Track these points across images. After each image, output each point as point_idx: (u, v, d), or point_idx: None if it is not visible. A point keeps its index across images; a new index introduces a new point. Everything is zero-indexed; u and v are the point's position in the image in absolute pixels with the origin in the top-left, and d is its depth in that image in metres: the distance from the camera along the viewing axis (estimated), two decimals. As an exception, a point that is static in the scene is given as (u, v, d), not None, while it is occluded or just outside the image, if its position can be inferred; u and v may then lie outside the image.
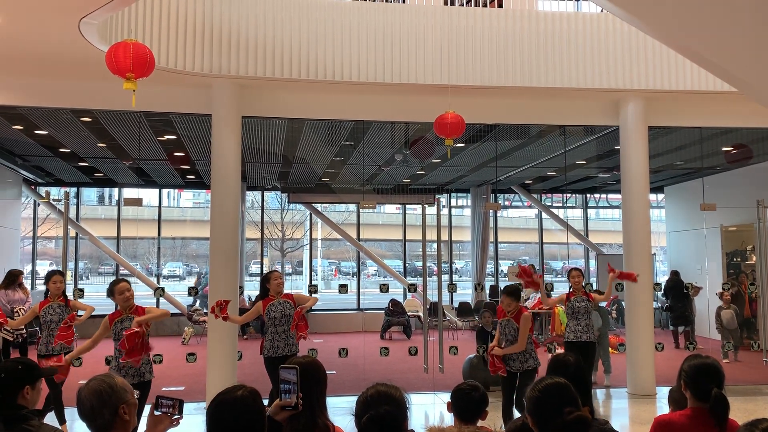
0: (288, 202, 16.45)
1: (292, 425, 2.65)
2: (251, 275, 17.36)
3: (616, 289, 9.09)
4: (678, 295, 12.16)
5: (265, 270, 17.48)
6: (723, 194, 11.68)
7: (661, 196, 15.90)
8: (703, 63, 5.15)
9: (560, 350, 8.52)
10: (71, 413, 6.90)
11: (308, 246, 17.50)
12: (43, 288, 14.13)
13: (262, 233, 16.06)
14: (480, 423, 2.99)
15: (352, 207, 16.32)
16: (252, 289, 14.53)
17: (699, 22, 4.25)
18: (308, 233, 17.43)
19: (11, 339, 9.37)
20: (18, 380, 2.70)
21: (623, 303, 10.18)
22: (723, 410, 2.69)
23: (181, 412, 2.60)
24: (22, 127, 9.44)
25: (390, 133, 10.09)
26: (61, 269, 6.68)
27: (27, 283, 10.38)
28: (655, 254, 13.05)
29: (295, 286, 19.63)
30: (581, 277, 7.34)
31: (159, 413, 2.50)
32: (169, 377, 8.77)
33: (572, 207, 17.20)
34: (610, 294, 7.61)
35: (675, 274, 12.88)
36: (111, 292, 5.16)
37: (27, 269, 14.16)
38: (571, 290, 7.27)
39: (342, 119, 8.81)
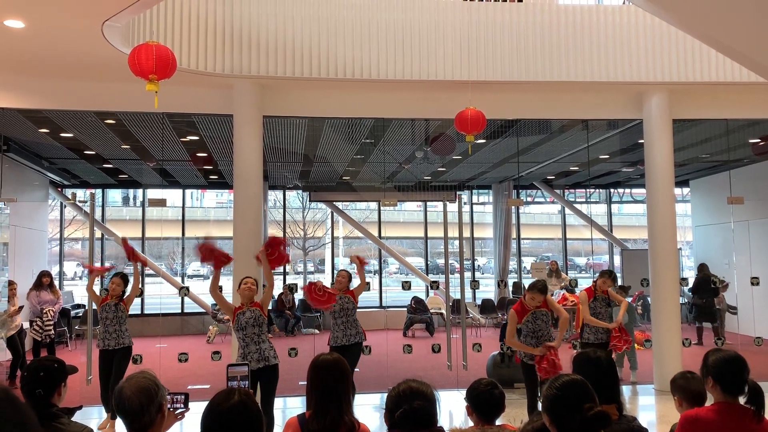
0: (309, 200, 16.50)
1: (318, 423, 2.66)
2: (274, 273, 17.44)
3: (642, 284, 8.99)
4: (705, 291, 11.94)
5: (288, 269, 17.58)
6: (750, 187, 11.48)
7: (686, 190, 15.67)
8: (730, 53, 5.06)
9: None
10: (88, 412, 7.00)
11: (330, 244, 17.55)
12: (69, 289, 14.39)
13: (285, 232, 16.14)
14: (500, 421, 2.97)
15: (373, 205, 16.31)
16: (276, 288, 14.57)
17: (724, 11, 4.17)
18: (330, 232, 17.47)
19: (39, 339, 9.57)
20: (55, 379, 2.73)
21: (648, 299, 10.05)
22: (761, 401, 2.67)
23: (186, 406, 2.61)
24: (48, 130, 9.60)
25: (410, 130, 10.07)
26: (124, 272, 7.14)
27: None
28: (681, 249, 12.87)
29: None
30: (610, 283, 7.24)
31: None
32: (194, 375, 8.86)
33: (596, 202, 17.02)
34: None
35: (702, 268, 12.64)
36: (240, 285, 5.84)
37: (54, 270, 14.39)
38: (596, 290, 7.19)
39: (362, 117, 8.81)
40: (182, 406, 2.60)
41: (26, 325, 9.92)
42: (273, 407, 5.62)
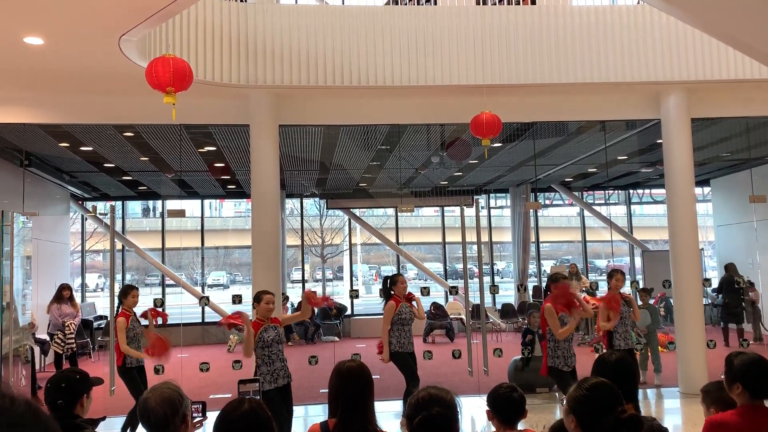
0: (327, 208, 16.55)
1: None
2: (293, 282, 17.52)
3: (664, 286, 8.88)
4: (730, 291, 11.76)
5: (306, 276, 17.64)
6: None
7: (707, 190, 15.47)
8: (747, 50, 4.99)
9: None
10: (112, 423, 7.05)
11: (348, 251, 17.58)
12: (92, 300, 14.54)
13: (303, 240, 16.18)
14: (521, 426, 2.94)
15: (390, 211, 16.31)
16: (295, 296, 14.66)
17: (740, 8, 4.12)
18: (347, 239, 17.50)
19: (62, 352, 9.67)
20: (77, 390, 2.76)
21: (671, 300, 9.92)
22: None
23: (204, 414, 2.62)
24: (68, 144, 9.73)
25: (426, 135, 10.06)
26: (134, 285, 7.09)
27: (77, 296, 10.68)
28: (703, 249, 12.69)
29: (336, 291, 19.72)
30: (623, 281, 6.89)
31: None
32: (215, 384, 8.90)
33: (615, 204, 16.86)
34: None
35: (728, 268, 12.43)
36: (257, 300, 5.56)
37: (77, 282, 14.56)
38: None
39: (377, 124, 8.82)
40: (200, 414, 2.60)
41: (45, 338, 10.01)
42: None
